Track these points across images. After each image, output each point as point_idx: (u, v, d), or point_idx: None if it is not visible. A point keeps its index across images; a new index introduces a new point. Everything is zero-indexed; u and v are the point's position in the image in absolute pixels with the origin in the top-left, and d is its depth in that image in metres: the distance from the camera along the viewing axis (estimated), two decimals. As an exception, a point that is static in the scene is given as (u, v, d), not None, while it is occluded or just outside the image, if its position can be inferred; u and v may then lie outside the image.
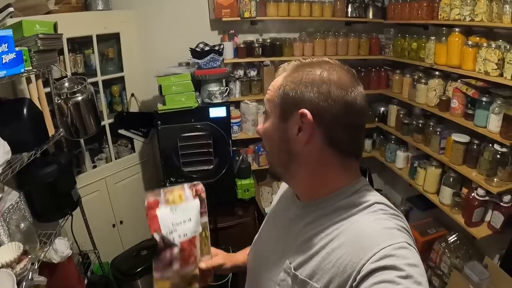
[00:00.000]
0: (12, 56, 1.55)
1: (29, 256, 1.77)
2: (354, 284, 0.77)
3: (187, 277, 1.10)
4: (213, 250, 1.23)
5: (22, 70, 1.65)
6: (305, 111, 0.86)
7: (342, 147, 0.90)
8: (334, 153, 0.91)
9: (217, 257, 1.24)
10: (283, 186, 1.20)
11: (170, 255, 1.05)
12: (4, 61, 1.51)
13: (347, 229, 0.86)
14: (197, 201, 1.11)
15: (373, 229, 0.83)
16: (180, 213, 1.07)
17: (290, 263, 0.94)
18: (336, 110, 0.87)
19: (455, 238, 2.82)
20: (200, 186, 1.13)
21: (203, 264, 1.15)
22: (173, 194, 1.08)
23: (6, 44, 1.53)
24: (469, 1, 2.41)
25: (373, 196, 0.92)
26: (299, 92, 0.88)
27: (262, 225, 1.21)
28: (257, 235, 1.22)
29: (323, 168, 0.93)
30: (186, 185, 1.11)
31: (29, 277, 1.71)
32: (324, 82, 0.87)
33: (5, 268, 1.60)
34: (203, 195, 1.13)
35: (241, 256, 1.33)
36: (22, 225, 1.84)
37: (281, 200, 1.17)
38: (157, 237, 1.03)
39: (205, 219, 1.14)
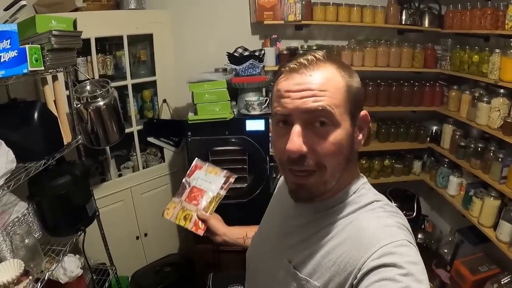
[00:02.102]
0: (13, 54, 1.37)
1: (30, 277, 1.63)
2: (354, 282, 0.77)
3: (186, 211, 1.49)
4: (216, 216, 1.52)
5: (25, 71, 1.47)
6: (366, 112, 0.90)
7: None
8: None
9: (212, 215, 1.50)
10: (281, 183, 1.19)
11: (183, 188, 1.57)
12: (2, 60, 1.33)
13: (347, 227, 0.87)
14: (223, 179, 1.57)
15: (373, 227, 0.83)
16: (207, 177, 1.58)
17: (289, 262, 0.94)
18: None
19: (510, 279, 2.55)
20: (233, 176, 1.60)
21: (199, 212, 1.48)
22: (212, 168, 1.61)
23: (9, 41, 1.35)
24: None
25: (373, 195, 0.93)
26: (362, 92, 0.90)
27: (261, 222, 1.21)
28: (255, 233, 1.22)
29: (352, 170, 0.95)
30: (225, 171, 1.60)
31: (31, 299, 1.56)
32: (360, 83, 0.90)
33: (0, 289, 1.46)
34: (232, 179, 1.58)
35: (233, 231, 1.48)
36: (27, 240, 1.70)
37: (280, 198, 1.14)
38: (185, 179, 1.60)
39: (223, 192, 1.54)
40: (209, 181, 1.56)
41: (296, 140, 0.81)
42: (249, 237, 1.34)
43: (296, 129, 0.82)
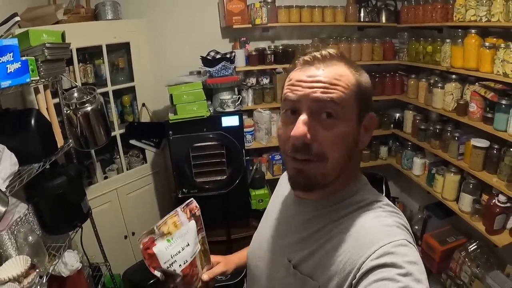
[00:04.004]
0: (17, 65, 1.52)
1: (37, 270, 1.73)
2: (354, 282, 0.77)
3: None
4: (213, 258, 1.21)
5: (28, 80, 1.62)
6: (374, 115, 0.90)
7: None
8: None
9: (218, 266, 1.21)
10: (281, 182, 1.19)
11: (173, 285, 1.03)
12: (9, 71, 1.47)
13: (347, 227, 0.86)
14: (192, 223, 1.08)
15: (373, 227, 0.83)
16: (177, 241, 1.03)
17: (289, 261, 0.94)
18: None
19: (476, 246, 2.76)
20: (194, 204, 1.12)
21: (205, 276, 1.12)
22: (167, 225, 1.03)
23: (12, 54, 1.50)
24: (485, 1, 2.34)
25: (372, 194, 0.93)
26: (372, 93, 0.91)
27: (261, 222, 1.20)
28: (256, 232, 1.21)
29: (354, 170, 0.95)
30: (179, 209, 1.07)
31: (37, 291, 1.67)
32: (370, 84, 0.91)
33: (12, 282, 1.56)
34: (198, 212, 1.11)
35: (242, 257, 1.29)
36: (30, 238, 1.80)
37: (280, 196, 1.14)
38: (158, 273, 1.00)
39: (202, 234, 1.13)
40: (182, 245, 1.04)
41: (301, 127, 0.82)
42: None
43: (303, 117, 0.83)
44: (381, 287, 0.70)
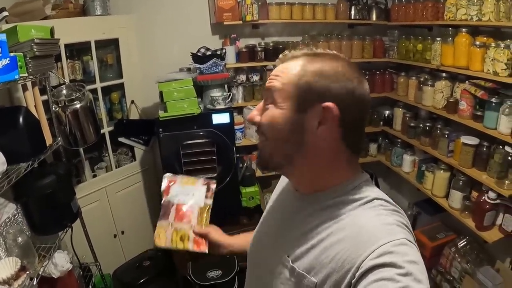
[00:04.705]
0: (5, 62, 1.48)
1: (27, 272, 1.72)
2: (353, 281, 0.76)
3: (180, 232, 1.31)
4: (214, 227, 1.38)
5: (17, 77, 1.58)
6: (331, 105, 0.85)
7: (353, 143, 0.91)
8: (345, 149, 0.90)
9: (208, 227, 1.35)
10: (283, 178, 1.18)
11: (167, 209, 1.35)
12: (-2, 68, 1.44)
13: (346, 224, 0.85)
14: (203, 187, 1.43)
15: (373, 225, 0.82)
16: (186, 189, 1.41)
17: (288, 256, 0.94)
18: (358, 108, 0.89)
19: (465, 242, 2.78)
20: (213, 182, 1.46)
21: (195, 228, 1.31)
22: (187, 179, 1.45)
23: (0, 49, 1.46)
24: (476, 1, 2.35)
25: (373, 192, 0.91)
26: (324, 84, 0.86)
27: (262, 218, 1.20)
28: (256, 228, 1.21)
29: (332, 162, 0.92)
30: (201, 179, 1.46)
31: (28, 293, 1.64)
32: (349, 78, 0.87)
33: (2, 285, 1.54)
34: (213, 186, 1.44)
35: (238, 240, 1.39)
36: (20, 239, 1.79)
37: (281, 193, 1.14)
38: (164, 198, 1.38)
39: (209, 201, 1.40)
40: (190, 194, 1.40)
41: (253, 111, 0.97)
42: None
43: (260, 103, 0.97)
44: (381, 287, 0.70)
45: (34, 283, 1.75)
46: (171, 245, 1.29)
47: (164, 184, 1.41)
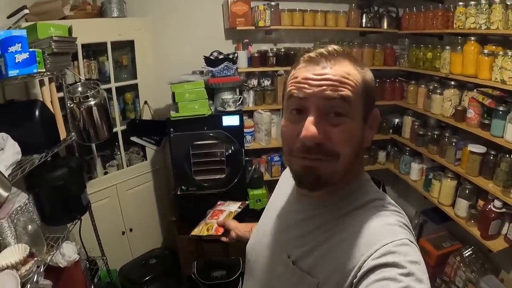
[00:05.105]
0: (25, 55, 1.56)
1: (35, 259, 1.76)
2: (355, 281, 0.76)
3: (209, 224, 1.66)
4: (232, 219, 1.66)
5: (35, 71, 1.66)
6: (378, 112, 0.89)
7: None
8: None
9: (229, 219, 1.64)
10: (283, 177, 1.19)
11: (208, 214, 1.79)
12: (17, 61, 1.51)
13: (348, 224, 0.85)
14: (238, 203, 1.87)
15: (375, 225, 0.82)
16: (227, 205, 1.87)
17: (289, 256, 0.93)
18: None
19: (470, 252, 2.76)
20: (246, 202, 1.92)
21: (219, 221, 1.62)
22: (232, 202, 1.90)
23: (20, 44, 1.54)
24: (484, 10, 2.37)
25: (375, 192, 0.92)
26: (374, 89, 0.88)
27: (262, 217, 1.20)
28: (256, 227, 1.22)
29: (358, 167, 0.94)
30: (239, 203, 1.87)
31: (34, 280, 1.69)
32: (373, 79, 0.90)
33: (10, 269, 1.59)
34: (246, 202, 1.94)
35: (245, 225, 1.52)
36: (30, 227, 1.83)
37: (282, 193, 1.13)
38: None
39: (239, 209, 1.79)
40: (229, 206, 1.84)
41: (311, 127, 0.80)
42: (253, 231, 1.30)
43: (312, 117, 0.81)
44: (383, 286, 0.70)
45: (41, 270, 1.80)
46: (200, 233, 1.65)
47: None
